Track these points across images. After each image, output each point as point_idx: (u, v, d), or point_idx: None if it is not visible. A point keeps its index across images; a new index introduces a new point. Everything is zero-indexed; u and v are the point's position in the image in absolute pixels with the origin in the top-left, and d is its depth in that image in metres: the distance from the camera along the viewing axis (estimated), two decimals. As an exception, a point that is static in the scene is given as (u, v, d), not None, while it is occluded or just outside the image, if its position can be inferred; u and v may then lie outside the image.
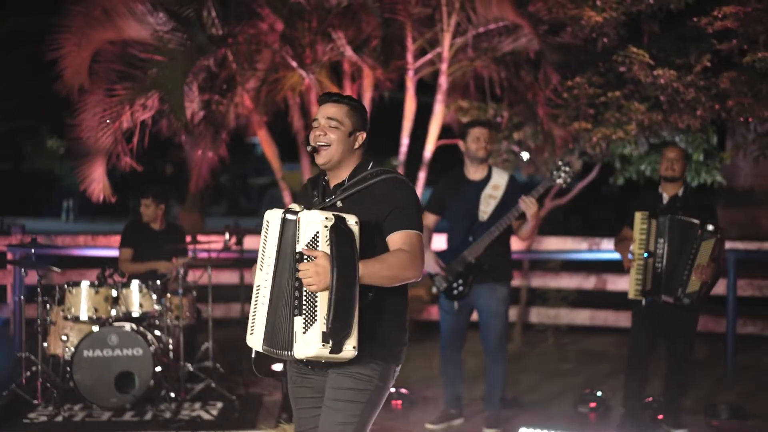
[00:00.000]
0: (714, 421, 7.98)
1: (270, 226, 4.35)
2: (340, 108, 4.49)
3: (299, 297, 4.16)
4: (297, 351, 4.17)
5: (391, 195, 4.43)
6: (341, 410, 4.38)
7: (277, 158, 11.58)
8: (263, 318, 4.32)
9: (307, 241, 4.16)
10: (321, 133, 4.45)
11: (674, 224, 7.31)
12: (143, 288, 8.45)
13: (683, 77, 9.65)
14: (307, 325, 4.14)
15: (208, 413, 8.17)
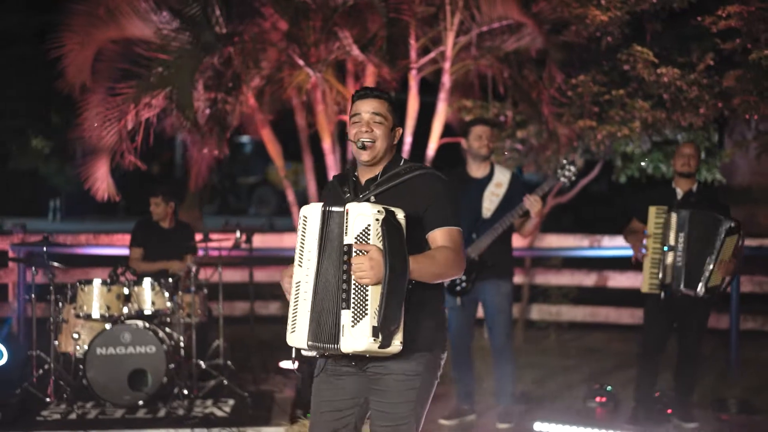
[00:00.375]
0: (723, 416, 8.07)
1: (309, 220, 4.32)
2: (382, 103, 4.50)
3: (347, 290, 4.17)
4: (345, 345, 4.17)
5: (428, 190, 4.45)
6: (395, 412, 4.41)
7: (280, 157, 11.62)
8: (306, 314, 4.29)
9: (356, 233, 4.16)
10: (367, 129, 4.46)
11: (697, 218, 7.40)
12: (155, 286, 8.47)
13: (686, 75, 9.76)
14: (356, 319, 4.14)
15: (220, 410, 8.20)
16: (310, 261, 4.31)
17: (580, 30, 10.05)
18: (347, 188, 4.55)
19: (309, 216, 4.33)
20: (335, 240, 4.25)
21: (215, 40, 9.91)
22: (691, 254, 7.42)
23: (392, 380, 4.40)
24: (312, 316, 4.27)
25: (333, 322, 4.22)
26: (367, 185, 4.52)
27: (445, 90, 11.01)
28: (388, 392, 4.41)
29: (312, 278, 4.29)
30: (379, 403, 4.43)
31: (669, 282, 7.50)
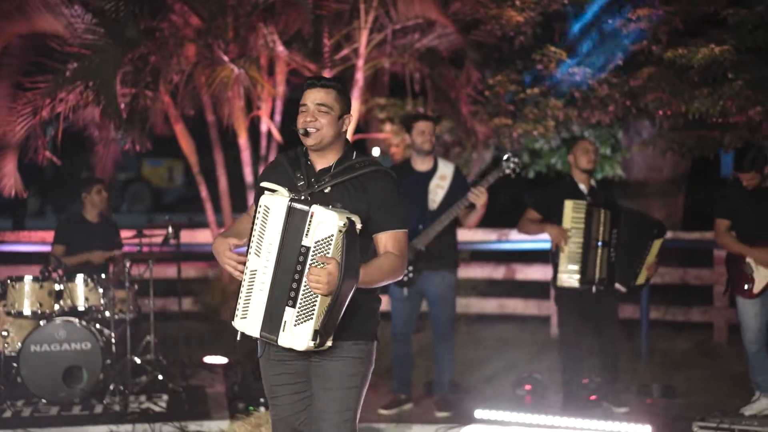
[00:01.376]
0: (648, 399, 8.46)
1: (271, 212, 4.38)
2: (328, 93, 4.55)
3: (296, 290, 4.30)
4: (282, 339, 4.33)
5: (381, 190, 4.56)
6: (339, 398, 4.51)
7: (194, 153, 11.58)
8: (262, 304, 4.39)
9: (317, 239, 4.28)
10: (311, 118, 4.53)
11: (628, 217, 7.73)
12: (89, 282, 8.41)
13: (597, 75, 10.17)
14: (300, 320, 4.30)
15: (156, 405, 8.20)
16: (270, 253, 4.39)
17: (494, 30, 10.34)
18: (300, 174, 4.61)
19: (272, 207, 4.40)
20: (294, 237, 4.34)
21: (138, 35, 9.83)
22: (623, 251, 7.74)
23: (338, 365, 4.51)
24: (266, 308, 4.38)
25: (278, 315, 4.35)
26: (321, 174, 4.60)
27: (358, 87, 11.17)
28: (331, 377, 4.52)
29: (271, 271, 4.38)
30: (324, 390, 4.54)
31: (603, 276, 7.77)
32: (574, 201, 7.80)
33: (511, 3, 10.15)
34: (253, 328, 4.43)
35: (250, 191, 11.48)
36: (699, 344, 10.96)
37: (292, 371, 4.61)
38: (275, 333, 4.34)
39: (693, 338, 11.13)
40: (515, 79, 10.43)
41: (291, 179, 4.59)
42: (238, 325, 4.49)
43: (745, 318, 7.67)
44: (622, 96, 10.13)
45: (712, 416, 7.45)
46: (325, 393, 4.53)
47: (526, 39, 10.47)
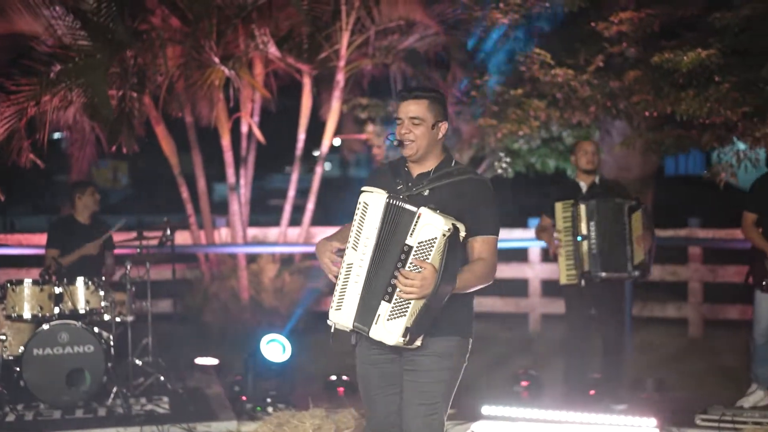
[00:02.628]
0: (643, 394, 8.65)
1: (369, 208, 4.57)
2: (419, 104, 4.71)
3: (394, 286, 4.47)
4: (375, 333, 4.51)
5: (475, 196, 4.74)
6: (426, 391, 4.69)
7: (174, 154, 11.56)
8: (357, 296, 4.56)
9: (420, 240, 4.45)
10: (406, 130, 4.71)
11: (601, 206, 7.86)
12: (90, 285, 8.38)
13: (579, 76, 10.37)
14: (394, 316, 4.48)
15: (159, 407, 8.20)
16: (366, 247, 4.56)
17: (479, 32, 10.49)
18: (400, 180, 4.79)
19: (371, 204, 4.58)
20: (397, 235, 4.51)
21: (128, 36, 9.79)
22: (605, 241, 7.88)
23: (426, 360, 4.68)
24: (360, 300, 4.55)
25: (374, 308, 4.51)
26: (419, 179, 4.77)
27: (339, 88, 11.26)
28: (421, 371, 4.69)
29: (366, 264, 4.55)
30: (413, 382, 4.70)
31: (588, 269, 7.94)
32: (563, 202, 7.97)
33: (495, 5, 10.29)
34: (347, 320, 4.59)
35: (232, 192, 11.49)
36: (675, 339, 11.24)
37: (385, 372, 4.79)
38: (368, 325, 4.51)
39: (669, 333, 11.41)
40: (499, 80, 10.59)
41: (391, 184, 4.78)
42: (333, 317, 4.65)
43: (758, 311, 7.86)
44: (604, 97, 10.33)
45: (713, 409, 7.64)
46: (413, 385, 4.70)
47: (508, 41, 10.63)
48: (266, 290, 11.51)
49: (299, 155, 11.69)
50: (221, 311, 11.48)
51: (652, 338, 11.19)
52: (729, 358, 10.16)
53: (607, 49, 10.43)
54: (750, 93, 9.13)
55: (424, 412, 4.69)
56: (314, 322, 11.94)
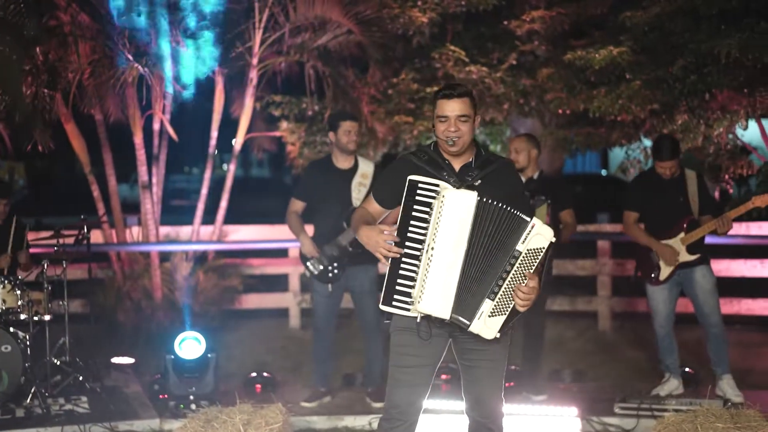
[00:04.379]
0: (561, 385, 8.84)
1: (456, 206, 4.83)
2: (464, 102, 5.04)
3: (500, 286, 4.83)
4: (475, 327, 4.87)
5: (514, 181, 5.27)
6: (496, 369, 5.16)
7: (85, 152, 11.38)
8: (452, 290, 4.86)
9: (530, 247, 4.81)
10: (455, 128, 5.01)
11: None
12: (6, 283, 8.23)
13: (493, 73, 10.53)
14: (495, 313, 4.86)
15: (78, 407, 8.09)
16: (459, 243, 4.85)
17: (394, 28, 10.57)
18: (446, 172, 5.05)
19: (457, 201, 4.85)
20: (504, 238, 4.84)
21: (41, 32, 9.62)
22: None
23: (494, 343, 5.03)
24: (458, 294, 4.87)
25: (474, 303, 4.87)
26: (464, 171, 5.08)
27: (253, 85, 11.23)
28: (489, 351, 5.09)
29: (461, 260, 4.85)
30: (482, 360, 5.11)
31: None
32: None
33: (413, 3, 10.39)
34: (443, 311, 4.87)
35: (144, 190, 11.36)
36: (585, 332, 11.47)
37: (428, 347, 5.07)
38: (469, 319, 4.86)
39: (579, 327, 11.64)
40: (415, 78, 10.68)
41: (439, 176, 5.02)
42: (423, 308, 4.85)
43: (654, 304, 8.10)
44: (516, 95, 10.51)
45: (632, 397, 7.85)
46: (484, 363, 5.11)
47: (423, 39, 10.73)
48: (180, 289, 11.41)
49: (213, 153, 11.62)
50: (134, 310, 11.35)
51: (563, 332, 11.40)
52: (637, 350, 10.43)
53: (519, 47, 10.60)
54: (659, 90, 9.37)
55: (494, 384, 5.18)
56: (229, 320, 11.92)
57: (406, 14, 10.30)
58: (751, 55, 8.56)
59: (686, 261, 7.89)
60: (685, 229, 7.85)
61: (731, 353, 8.23)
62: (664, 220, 7.98)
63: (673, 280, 7.99)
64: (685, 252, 7.88)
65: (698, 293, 7.96)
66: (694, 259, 7.89)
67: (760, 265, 10.97)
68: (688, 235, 7.83)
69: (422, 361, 5.10)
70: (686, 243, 7.84)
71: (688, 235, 7.83)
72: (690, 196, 7.89)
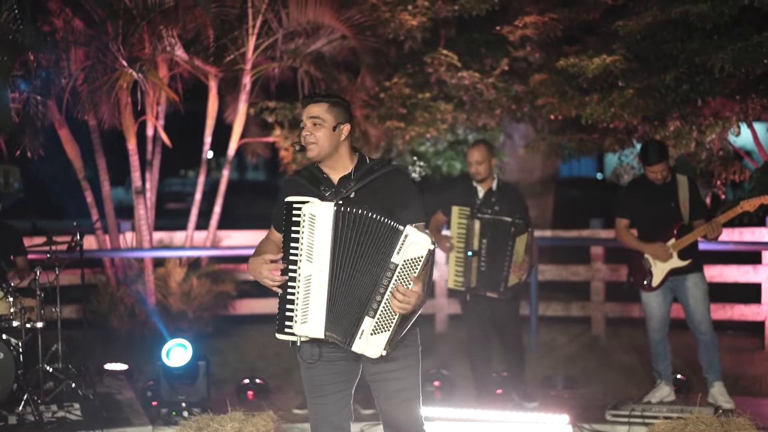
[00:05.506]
0: (552, 391, 8.84)
1: (318, 219, 4.60)
2: (320, 106, 4.81)
3: (379, 302, 4.56)
4: (357, 347, 4.60)
5: (402, 188, 4.86)
6: (403, 378, 4.82)
7: (78, 158, 11.39)
8: (322, 306, 4.62)
9: (406, 258, 4.52)
10: (307, 132, 4.80)
11: (490, 225, 7.90)
12: (-2, 291, 8.22)
13: (485, 79, 10.55)
14: (378, 330, 4.58)
15: (71, 414, 8.06)
16: (322, 257, 4.61)
17: (385, 33, 10.58)
18: (324, 186, 4.81)
19: (318, 214, 4.61)
20: (377, 249, 4.57)
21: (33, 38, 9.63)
22: (490, 259, 7.96)
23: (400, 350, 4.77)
24: (329, 310, 4.62)
25: (353, 322, 4.60)
26: (342, 183, 4.82)
27: (246, 91, 11.25)
28: (396, 361, 4.78)
29: (327, 274, 4.62)
30: (387, 372, 4.80)
31: (474, 285, 8.05)
32: (461, 208, 8.01)
33: (404, 7, 10.41)
34: (317, 330, 4.63)
35: (138, 195, 11.38)
36: (578, 337, 11.49)
37: (337, 371, 4.84)
38: (348, 338, 4.60)
39: (573, 332, 11.66)
40: (407, 83, 10.70)
41: (316, 192, 4.79)
42: (299, 330, 4.65)
43: (648, 309, 8.10)
44: (509, 100, 10.53)
45: (623, 404, 7.85)
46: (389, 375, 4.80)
47: (415, 43, 10.75)
48: (173, 294, 11.43)
49: (206, 158, 11.63)
50: (128, 316, 11.36)
51: (557, 337, 11.42)
52: (631, 356, 10.45)
53: (511, 53, 10.62)
54: (652, 98, 9.38)
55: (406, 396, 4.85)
56: (223, 325, 11.94)
57: (396, 18, 10.31)
58: (744, 67, 8.55)
59: (678, 267, 7.89)
60: (675, 235, 7.86)
61: (724, 359, 8.24)
62: (655, 226, 7.97)
63: (666, 286, 7.99)
64: (677, 258, 7.89)
65: (689, 301, 7.96)
66: (686, 264, 7.89)
67: (752, 270, 10.99)
68: (678, 241, 7.83)
69: (335, 388, 4.88)
70: (677, 248, 7.84)
71: (678, 240, 7.84)
72: (681, 202, 7.88)
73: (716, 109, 9.80)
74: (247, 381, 8.92)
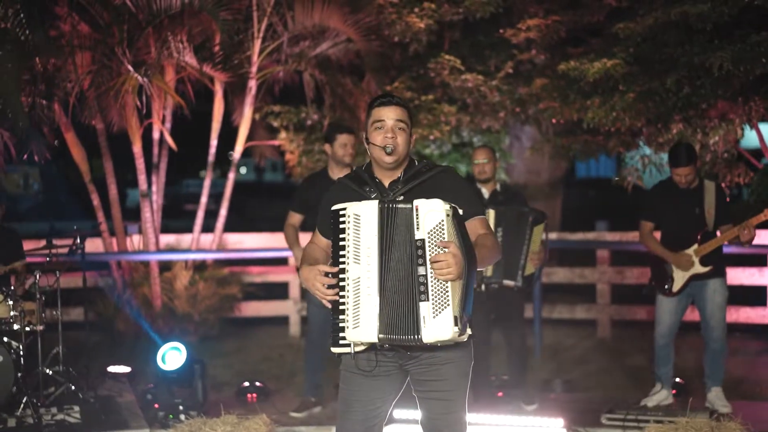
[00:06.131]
0: (551, 395, 8.83)
1: (362, 218, 4.46)
2: (403, 111, 4.71)
3: (425, 283, 4.36)
4: (427, 335, 4.36)
5: (454, 185, 4.72)
6: (453, 399, 4.66)
7: (85, 161, 11.45)
8: (375, 308, 4.43)
9: (429, 228, 4.36)
10: (392, 135, 4.61)
11: (508, 214, 7.97)
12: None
13: (489, 81, 10.54)
14: (438, 310, 4.34)
15: (70, 417, 8.10)
16: (370, 257, 4.46)
17: (390, 36, 10.60)
18: (370, 188, 4.69)
19: (363, 213, 4.47)
20: (403, 235, 4.43)
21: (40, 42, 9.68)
22: (506, 248, 8.01)
23: (451, 368, 4.63)
24: (382, 311, 4.43)
25: (411, 314, 4.39)
26: (392, 186, 4.69)
27: (252, 95, 11.29)
28: (446, 381, 4.63)
29: (376, 274, 4.45)
30: (437, 392, 4.63)
31: (490, 275, 8.07)
32: None
33: (410, 10, 10.43)
34: (370, 334, 4.44)
35: (143, 198, 11.43)
36: (584, 340, 11.46)
37: (377, 386, 4.65)
38: (414, 333, 4.38)
39: (578, 335, 11.63)
40: (410, 86, 10.71)
41: (361, 195, 4.66)
42: (353, 336, 4.46)
43: (659, 313, 8.06)
44: (513, 103, 10.52)
45: (619, 408, 7.84)
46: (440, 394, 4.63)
47: (420, 46, 10.76)
48: (179, 297, 11.48)
49: (212, 161, 11.68)
50: (134, 319, 11.42)
51: (562, 340, 11.40)
52: (636, 358, 10.41)
53: (516, 56, 10.62)
54: (653, 102, 9.34)
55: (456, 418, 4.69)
56: (229, 328, 11.98)
57: (403, 20, 10.32)
58: (743, 66, 8.51)
59: (699, 273, 7.86)
60: (699, 241, 7.81)
61: (728, 362, 8.22)
62: (679, 231, 7.90)
63: (685, 291, 7.95)
64: (699, 264, 7.84)
65: (707, 306, 7.91)
66: (707, 270, 7.85)
67: (758, 273, 10.94)
68: (701, 246, 7.78)
69: (372, 405, 4.68)
70: (700, 254, 7.80)
71: (701, 246, 7.79)
72: (707, 208, 7.80)
73: (723, 111, 9.75)
74: (247, 384, 8.96)
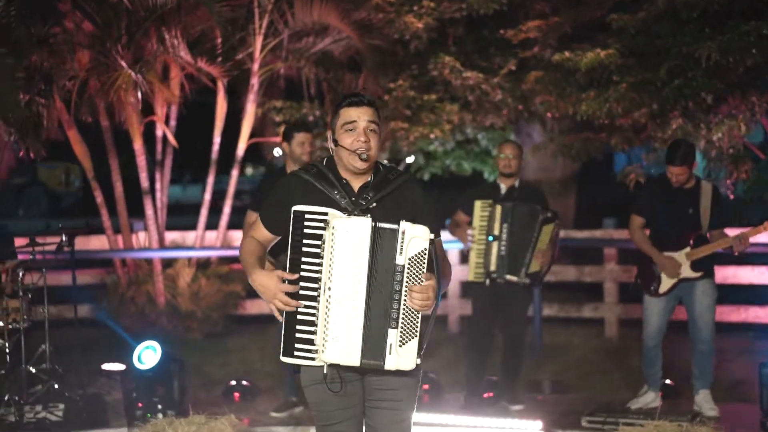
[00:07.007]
0: (538, 396, 8.69)
1: (351, 234, 4.23)
2: (374, 111, 4.43)
3: (398, 309, 4.22)
4: (390, 363, 4.23)
5: (418, 199, 4.51)
6: (402, 409, 4.49)
7: (87, 158, 11.48)
8: (358, 331, 4.25)
9: (411, 255, 4.21)
10: (365, 139, 4.35)
11: (517, 210, 7.92)
12: (-18, 292, 8.31)
13: (490, 79, 10.41)
14: (405, 340, 4.22)
15: (53, 415, 8.09)
16: (358, 277, 4.25)
17: (390, 34, 10.51)
18: (339, 192, 4.41)
19: (351, 230, 4.24)
20: (386, 258, 4.24)
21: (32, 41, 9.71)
22: (513, 243, 7.94)
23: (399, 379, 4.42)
24: (365, 334, 4.25)
25: (380, 339, 4.24)
26: (360, 191, 4.43)
27: (254, 91, 11.25)
28: (398, 390, 4.45)
29: (363, 295, 4.26)
30: (389, 401, 4.47)
31: (494, 270, 7.98)
32: (483, 201, 8.03)
33: (409, 8, 10.33)
34: (352, 357, 4.26)
35: (146, 196, 11.44)
36: (591, 339, 11.29)
37: (351, 393, 4.45)
38: (380, 358, 4.24)
39: (586, 334, 11.46)
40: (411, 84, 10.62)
41: (330, 199, 4.40)
42: (328, 357, 4.26)
43: (647, 314, 7.91)
44: (515, 100, 10.39)
45: (600, 410, 7.69)
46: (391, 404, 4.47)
47: (420, 44, 10.66)
48: (182, 294, 11.48)
49: (215, 159, 11.66)
50: (138, 316, 11.44)
51: (569, 339, 11.24)
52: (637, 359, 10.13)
53: (519, 54, 10.49)
54: (646, 93, 9.18)
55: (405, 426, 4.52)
56: (232, 325, 11.96)
57: (401, 19, 10.22)
58: (732, 57, 8.33)
59: (689, 277, 7.69)
60: (691, 245, 7.64)
61: (735, 362, 8.05)
62: (670, 230, 7.75)
63: (673, 292, 7.79)
64: (689, 268, 7.67)
65: (695, 307, 7.76)
66: (697, 276, 7.68)
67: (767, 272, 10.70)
68: (693, 251, 7.62)
69: (348, 414, 4.47)
70: (691, 258, 7.63)
71: (693, 251, 7.62)
72: (702, 210, 7.65)
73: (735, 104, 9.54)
74: (234, 383, 8.91)
